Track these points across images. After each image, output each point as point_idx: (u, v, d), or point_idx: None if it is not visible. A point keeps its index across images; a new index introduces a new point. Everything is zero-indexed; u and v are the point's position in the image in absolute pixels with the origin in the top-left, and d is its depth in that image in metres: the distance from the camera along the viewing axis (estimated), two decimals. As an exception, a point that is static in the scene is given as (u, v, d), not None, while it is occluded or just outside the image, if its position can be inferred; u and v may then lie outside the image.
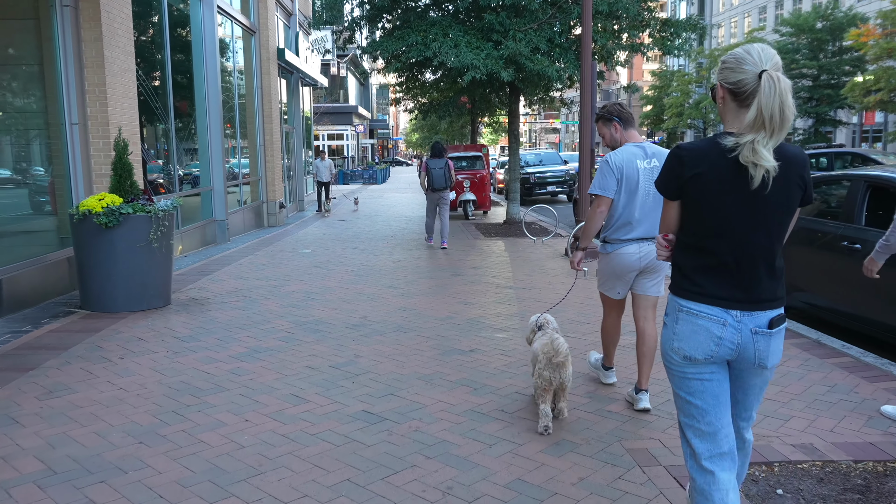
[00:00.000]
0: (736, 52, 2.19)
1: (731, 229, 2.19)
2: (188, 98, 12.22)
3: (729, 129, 2.21)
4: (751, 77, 2.12)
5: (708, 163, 2.17)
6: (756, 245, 2.20)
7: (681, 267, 2.31)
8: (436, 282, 8.38)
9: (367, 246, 11.99)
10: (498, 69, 11.87)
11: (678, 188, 2.25)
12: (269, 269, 9.40)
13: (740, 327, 2.20)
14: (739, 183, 2.16)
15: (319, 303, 7.16)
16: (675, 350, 2.28)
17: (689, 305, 2.24)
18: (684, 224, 2.29)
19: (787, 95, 2.06)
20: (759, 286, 2.21)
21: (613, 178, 3.98)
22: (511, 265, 9.65)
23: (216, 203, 12.89)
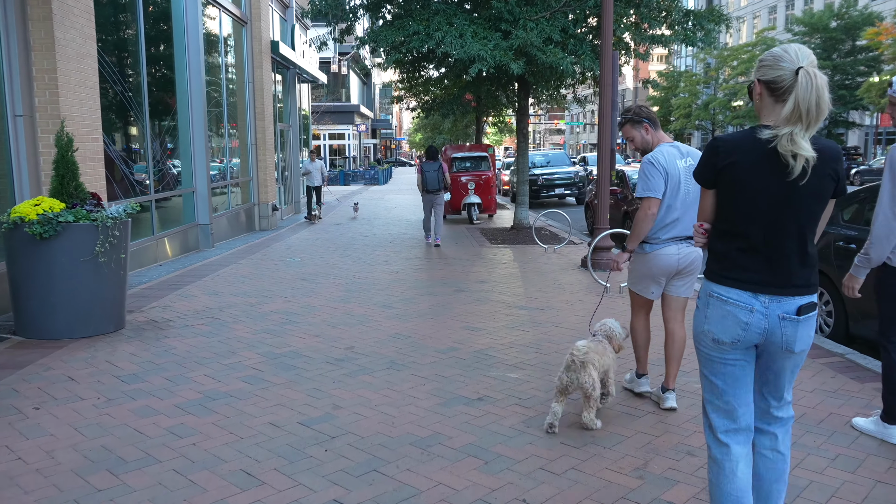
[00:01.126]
0: (774, 51, 2.27)
1: (764, 215, 2.26)
2: (168, 92, 11.17)
3: (765, 123, 2.27)
4: (788, 73, 2.20)
5: (742, 152, 2.26)
6: (788, 232, 2.27)
7: (715, 252, 2.39)
8: (437, 300, 7.31)
9: (363, 254, 10.93)
10: (507, 61, 10.80)
11: (714, 177, 2.34)
12: (249, 283, 8.34)
13: (768, 313, 2.27)
14: (774, 171, 2.23)
15: (300, 327, 6.10)
16: (705, 333, 2.38)
17: (719, 291, 2.33)
18: (719, 211, 2.37)
19: (824, 91, 2.14)
20: (790, 272, 2.28)
21: (661, 178, 3.93)
22: (522, 279, 8.58)
23: (199, 206, 11.85)
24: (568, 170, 23.00)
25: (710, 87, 58.85)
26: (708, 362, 2.42)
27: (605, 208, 9.18)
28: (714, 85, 58.05)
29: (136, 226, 9.73)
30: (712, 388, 2.43)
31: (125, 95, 9.23)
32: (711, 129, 58.83)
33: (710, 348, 2.38)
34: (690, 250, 4.03)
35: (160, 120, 10.68)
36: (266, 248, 11.92)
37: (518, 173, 14.18)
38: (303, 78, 21.53)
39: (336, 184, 38.16)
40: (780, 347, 2.31)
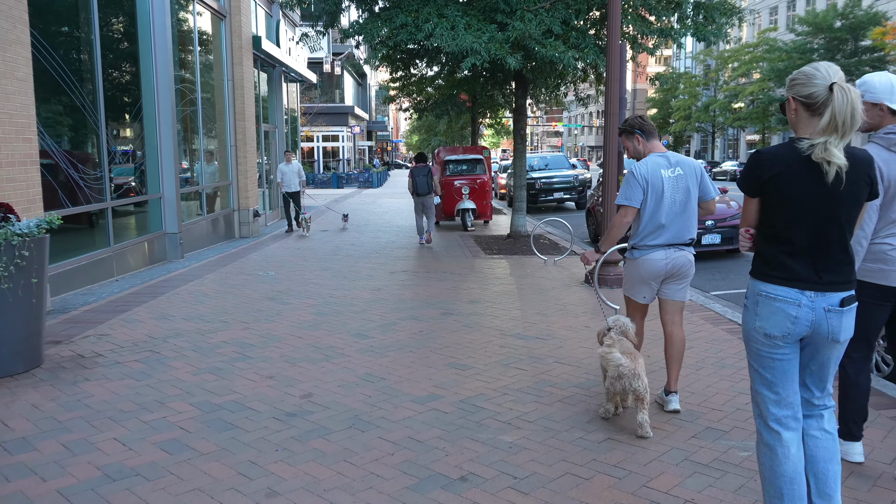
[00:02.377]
0: (805, 70, 2.46)
1: (807, 220, 2.45)
2: (131, 89, 10.18)
3: (801, 136, 2.47)
4: (822, 90, 2.39)
5: (785, 164, 2.45)
6: (829, 234, 2.46)
7: (762, 255, 2.56)
8: (420, 326, 6.32)
9: (345, 266, 9.94)
10: (503, 55, 9.82)
11: (759, 187, 2.52)
12: (208, 303, 7.35)
13: (814, 306, 2.45)
14: (814, 179, 2.43)
15: (252, 365, 5.10)
16: (756, 329, 2.54)
17: (767, 290, 2.51)
18: (765, 217, 2.55)
19: (858, 102, 2.35)
20: (832, 270, 2.46)
21: (639, 188, 4.07)
22: (519, 298, 7.59)
23: (167, 213, 10.85)
24: (567, 173, 22.02)
25: (710, 88, 57.99)
26: (758, 357, 2.58)
27: (610, 210, 8.19)
28: (714, 86, 57.19)
29: (89, 237, 8.73)
30: (763, 381, 2.59)
31: (75, 91, 8.23)
32: (712, 130, 57.98)
33: (762, 343, 2.54)
34: (679, 255, 4.14)
35: (120, 119, 9.69)
36: (241, 258, 10.92)
37: (515, 177, 13.20)
38: (290, 77, 20.54)
39: (329, 187, 37.17)
40: (826, 338, 2.49)
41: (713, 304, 7.21)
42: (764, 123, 46.80)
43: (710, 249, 10.88)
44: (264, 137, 17.48)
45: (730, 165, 44.36)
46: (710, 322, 6.43)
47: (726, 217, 11.02)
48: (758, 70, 46.70)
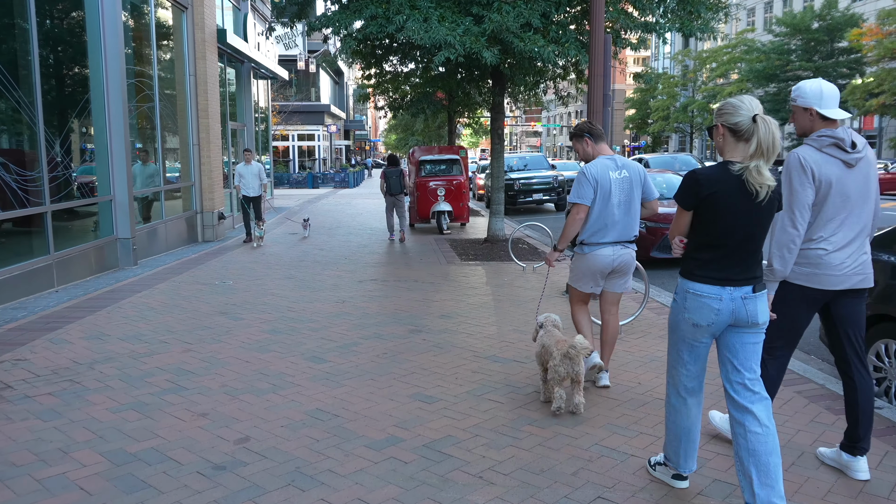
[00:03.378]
0: (732, 101, 2.83)
1: (736, 230, 2.83)
2: (76, 84, 9.41)
3: (730, 158, 2.85)
4: (746, 120, 2.78)
5: (721, 183, 2.81)
6: (752, 241, 2.86)
7: (694, 258, 2.94)
8: (384, 346, 5.67)
9: (310, 274, 9.25)
10: (479, 48, 9.20)
11: (695, 203, 2.88)
12: (152, 319, 6.63)
13: (733, 297, 2.86)
14: (743, 196, 2.80)
15: (185, 398, 4.42)
16: (685, 320, 2.96)
17: (695, 288, 2.91)
18: (699, 227, 2.91)
19: (777, 132, 2.73)
20: (750, 269, 2.89)
21: (590, 187, 4.40)
22: (495, 311, 6.97)
23: (118, 217, 10.08)
24: (547, 174, 21.47)
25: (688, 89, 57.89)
26: (682, 342, 3.03)
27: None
28: (692, 87, 57.12)
29: (25, 244, 7.97)
30: (681, 360, 3.06)
31: (5, 85, 7.47)
32: (690, 131, 57.88)
33: (688, 332, 2.98)
34: (624, 252, 4.51)
35: (64, 116, 8.92)
36: (199, 265, 10.19)
37: (493, 178, 12.59)
38: (260, 73, 19.76)
39: (304, 187, 36.32)
40: (746, 321, 2.89)
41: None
42: (742, 124, 46.70)
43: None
44: (231, 136, 16.71)
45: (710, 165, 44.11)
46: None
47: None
48: (736, 71, 46.61)
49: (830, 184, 3.21)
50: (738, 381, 2.94)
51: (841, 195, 3.23)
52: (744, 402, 2.91)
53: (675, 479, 3.23)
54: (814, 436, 3.82)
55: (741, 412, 2.91)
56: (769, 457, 2.82)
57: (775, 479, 2.80)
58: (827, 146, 3.22)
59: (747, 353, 2.93)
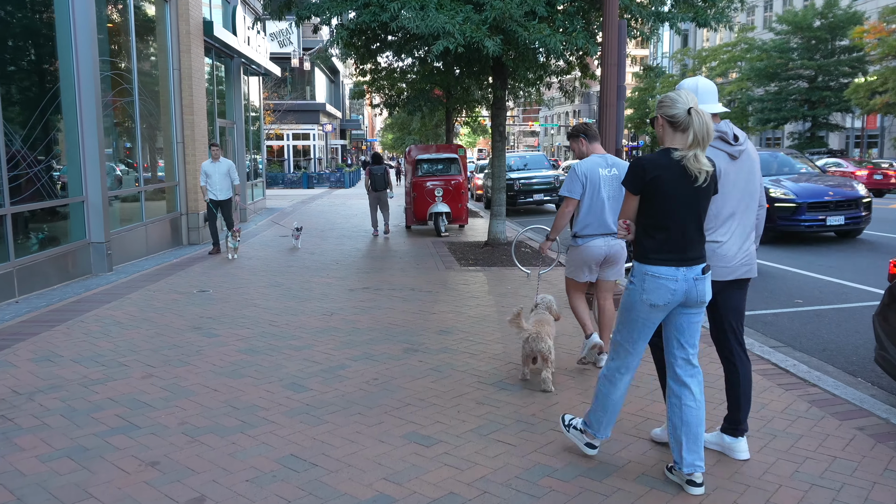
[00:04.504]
0: (670, 95, 3.05)
1: (679, 212, 3.04)
2: (42, 77, 8.69)
3: (669, 146, 3.06)
4: (682, 112, 3.00)
5: (663, 168, 3.01)
6: (693, 222, 3.08)
7: (643, 242, 3.13)
8: (375, 370, 4.97)
9: (297, 281, 8.55)
10: (480, 38, 8.50)
11: (642, 186, 3.05)
12: (115, 335, 5.92)
13: (686, 278, 3.08)
14: (684, 181, 3.01)
15: (135, 441, 3.71)
16: (643, 301, 3.11)
17: (651, 270, 3.08)
18: (646, 211, 3.09)
19: (710, 123, 2.97)
20: (695, 249, 3.12)
21: (579, 183, 4.79)
22: (500, 325, 6.27)
23: (91, 219, 9.35)
24: (547, 173, 20.83)
25: (686, 88, 57.19)
26: (636, 321, 3.17)
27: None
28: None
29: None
30: (630, 338, 3.23)
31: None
32: (690, 131, 57.25)
33: (644, 312, 3.14)
34: (615, 243, 4.87)
35: (27, 110, 8.19)
36: (179, 271, 9.47)
37: (494, 178, 11.88)
38: (251, 69, 19.06)
39: (299, 187, 35.58)
40: (696, 301, 3.13)
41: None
42: (743, 123, 46.11)
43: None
44: (220, 134, 15.98)
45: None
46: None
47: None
48: (736, 69, 45.97)
49: (719, 175, 3.34)
50: (682, 356, 3.22)
51: (728, 187, 3.40)
52: (684, 377, 3.21)
53: (587, 447, 3.48)
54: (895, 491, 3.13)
55: (680, 386, 3.21)
56: (698, 427, 3.17)
57: (700, 446, 3.17)
58: (714, 139, 3.33)
59: (692, 331, 3.20)
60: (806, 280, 8.75)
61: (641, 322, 3.16)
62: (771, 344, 5.88)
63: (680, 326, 3.19)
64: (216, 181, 11.26)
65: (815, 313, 7.03)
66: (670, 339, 3.23)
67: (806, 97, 39.89)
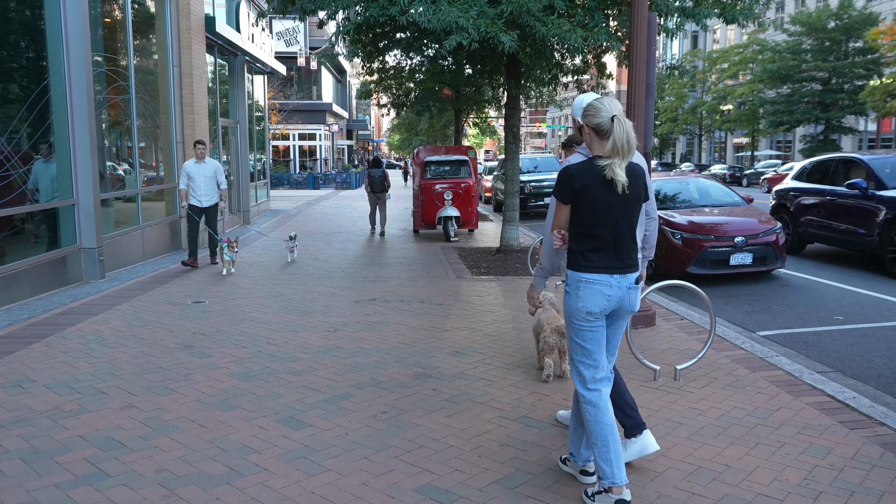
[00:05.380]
0: (594, 103, 3.08)
1: (608, 220, 3.07)
2: (30, 73, 8.18)
3: (597, 154, 3.10)
4: (606, 120, 3.02)
5: (590, 177, 3.04)
6: (623, 230, 3.10)
7: (577, 250, 3.14)
8: (383, 400, 4.42)
9: (300, 291, 8.01)
10: (495, 32, 7.95)
11: (572, 195, 3.07)
12: (97, 355, 5.39)
13: (620, 285, 3.10)
14: (610, 189, 3.04)
15: (100, 494, 3.17)
16: (579, 309, 3.11)
17: (586, 277, 3.09)
18: (577, 219, 3.11)
19: (631, 132, 2.99)
20: (628, 257, 3.13)
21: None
22: (520, 345, 5.72)
23: (82, 223, 8.84)
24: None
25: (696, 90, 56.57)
26: (580, 332, 3.15)
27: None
28: (702, 88, 55.82)
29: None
30: (584, 352, 3.17)
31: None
32: (699, 132, 56.61)
33: (583, 319, 3.11)
34: None
35: (14, 107, 7.68)
36: (175, 279, 8.95)
37: (507, 182, 11.32)
38: (255, 68, 18.57)
39: (304, 188, 35.10)
40: (626, 310, 3.17)
41: (776, 358, 5.38)
42: (753, 126, 45.45)
43: (741, 271, 9.09)
44: (223, 134, 15.49)
45: (719, 169, 42.95)
46: (785, 389, 4.60)
47: (759, 233, 9.23)
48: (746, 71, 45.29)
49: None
50: None
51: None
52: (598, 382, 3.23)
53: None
54: None
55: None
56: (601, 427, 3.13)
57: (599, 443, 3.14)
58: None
59: (616, 339, 3.27)
60: (843, 294, 8.17)
61: (587, 331, 3.13)
62: (818, 368, 5.32)
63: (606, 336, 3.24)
64: (200, 184, 9.93)
65: (860, 333, 6.46)
66: None
67: (819, 99, 39.19)
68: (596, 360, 3.14)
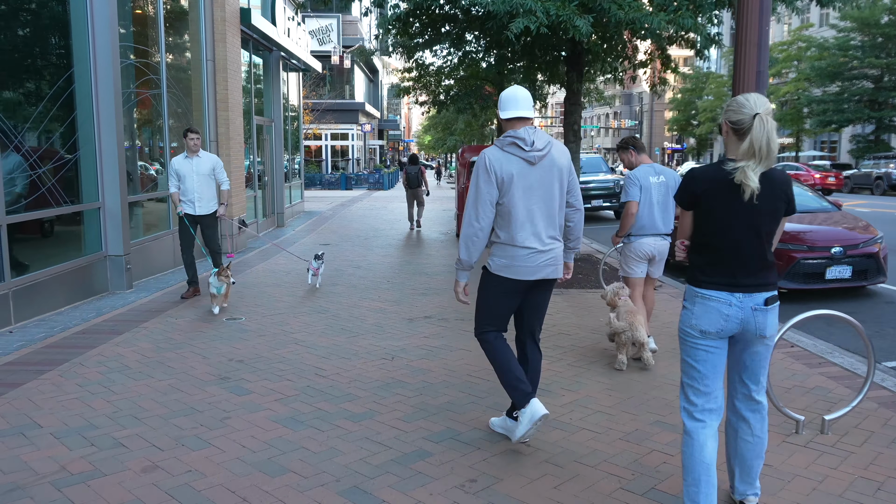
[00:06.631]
0: (738, 99, 2.79)
1: (728, 231, 2.79)
2: (52, 66, 7.44)
3: (730, 156, 2.81)
4: (747, 118, 2.72)
5: (713, 181, 2.79)
6: (749, 243, 2.79)
7: (695, 263, 2.90)
8: (467, 459, 3.53)
9: (345, 304, 7.16)
10: (568, 16, 7.03)
11: (692, 200, 2.86)
12: (118, 391, 4.57)
13: (742, 306, 2.78)
14: (736, 196, 2.76)
15: None
16: (692, 326, 2.85)
17: (703, 292, 2.82)
18: (697, 227, 2.89)
19: (773, 133, 2.68)
20: (754, 274, 2.79)
21: (636, 187, 5.35)
22: (616, 381, 4.78)
23: (109, 229, 8.10)
24: (606, 177, 19.24)
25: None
26: (693, 351, 2.87)
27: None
28: (743, 87, 53.97)
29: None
30: (694, 374, 2.88)
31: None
32: (740, 133, 54.87)
33: (696, 338, 2.85)
34: (661, 243, 5.47)
35: (30, 100, 6.94)
36: (207, 290, 8.16)
37: (566, 185, 10.36)
38: (291, 64, 17.83)
39: (337, 188, 34.43)
40: (754, 334, 2.82)
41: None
42: (799, 126, 43.73)
43: (839, 286, 8.04)
44: (257, 133, 14.75)
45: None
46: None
47: (858, 243, 8.17)
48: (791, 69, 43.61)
49: (512, 179, 3.48)
50: (742, 391, 2.98)
51: (524, 190, 3.50)
52: (743, 412, 2.98)
53: None
54: None
55: (738, 419, 3.00)
56: (753, 460, 2.98)
57: (755, 477, 3.01)
58: (507, 145, 3.52)
59: (756, 367, 2.93)
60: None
61: (700, 351, 2.86)
62: None
63: (740, 361, 2.95)
64: (193, 185, 7.71)
65: None
66: (731, 372, 3.02)
67: (871, 98, 37.50)
68: (707, 386, 2.86)
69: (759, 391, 2.95)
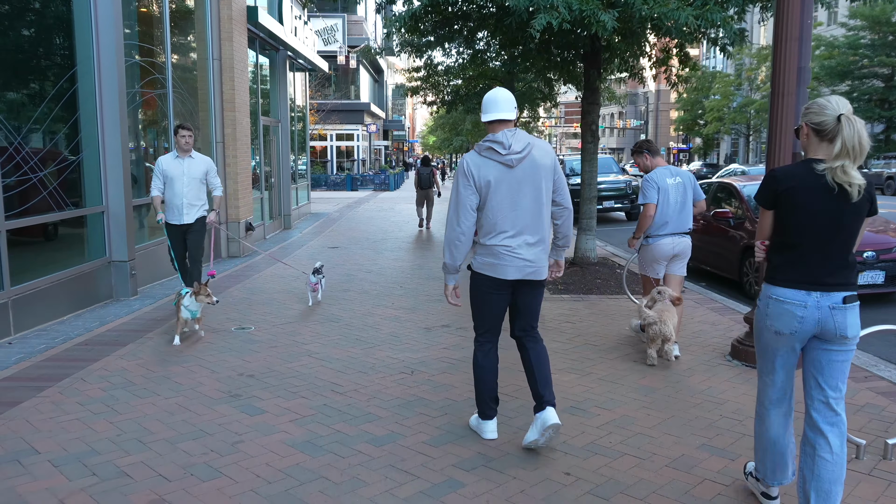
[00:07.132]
0: (819, 101, 2.77)
1: (817, 231, 2.74)
2: (55, 66, 7.16)
3: (814, 157, 2.79)
4: (831, 119, 2.70)
5: (798, 179, 2.76)
6: (834, 243, 2.75)
7: (773, 261, 2.88)
8: (502, 488, 3.22)
9: (358, 312, 6.86)
10: (592, 10, 6.71)
11: (774, 200, 2.83)
12: (121, 411, 4.27)
13: (819, 305, 2.73)
14: (823, 195, 2.72)
15: None
16: (767, 327, 2.86)
17: (777, 293, 2.81)
18: (777, 226, 2.86)
19: (863, 132, 2.66)
20: (835, 274, 2.75)
21: (654, 189, 5.46)
22: (645, 393, 4.47)
23: (113, 233, 7.82)
24: (618, 178, 18.94)
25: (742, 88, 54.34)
26: (767, 349, 2.90)
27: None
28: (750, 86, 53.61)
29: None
30: (769, 370, 2.93)
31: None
32: (746, 132, 54.45)
33: (770, 339, 2.86)
34: (682, 240, 5.54)
35: (31, 101, 6.66)
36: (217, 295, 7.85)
37: (583, 186, 10.06)
38: (297, 64, 17.54)
39: (343, 189, 34.13)
40: (834, 334, 2.74)
41: None
42: (809, 125, 43.27)
43: (871, 292, 7.71)
44: (264, 133, 14.47)
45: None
46: None
47: (892, 247, 7.84)
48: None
49: (489, 184, 3.51)
50: (820, 398, 2.86)
51: (505, 193, 3.52)
52: (821, 424, 2.85)
53: (764, 496, 3.09)
54: None
55: (815, 433, 2.86)
56: (832, 485, 2.78)
57: None
58: (485, 150, 3.54)
59: (833, 370, 2.82)
60: None
61: (772, 350, 2.90)
62: None
63: (818, 362, 2.85)
64: (182, 189, 6.79)
65: None
66: (807, 377, 2.90)
67: (882, 97, 37.08)
68: (776, 380, 2.93)
69: (838, 400, 2.84)
